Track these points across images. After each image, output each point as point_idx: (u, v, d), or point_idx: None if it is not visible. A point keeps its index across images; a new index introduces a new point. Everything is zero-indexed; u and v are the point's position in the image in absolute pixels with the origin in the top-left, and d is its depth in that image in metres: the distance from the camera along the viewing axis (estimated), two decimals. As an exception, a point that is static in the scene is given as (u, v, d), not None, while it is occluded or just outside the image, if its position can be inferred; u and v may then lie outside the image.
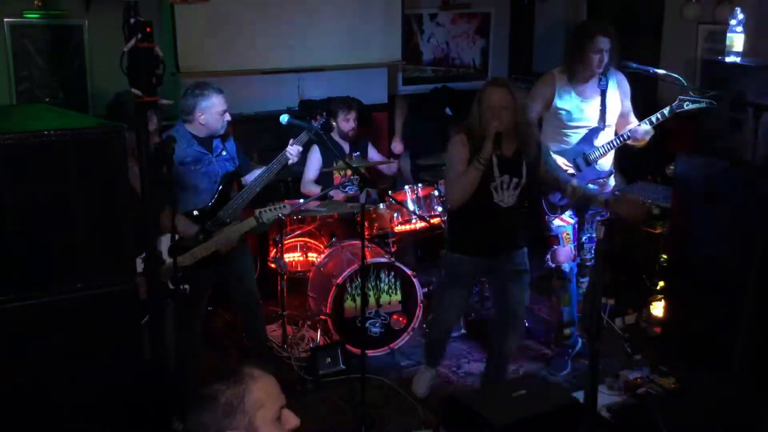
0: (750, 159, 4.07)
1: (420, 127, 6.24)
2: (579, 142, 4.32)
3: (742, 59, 4.36)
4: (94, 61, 5.30)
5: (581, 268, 4.46)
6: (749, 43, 4.48)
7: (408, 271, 4.70)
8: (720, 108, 4.16)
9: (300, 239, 5.12)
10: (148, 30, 2.47)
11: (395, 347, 4.73)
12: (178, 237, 3.24)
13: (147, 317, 2.84)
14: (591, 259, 4.40)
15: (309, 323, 4.93)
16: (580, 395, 3.31)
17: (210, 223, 3.93)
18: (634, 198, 4.31)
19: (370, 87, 6.37)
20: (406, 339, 4.76)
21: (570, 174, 4.14)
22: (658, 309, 4.88)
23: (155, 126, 2.97)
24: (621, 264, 5.10)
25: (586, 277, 4.49)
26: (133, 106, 2.57)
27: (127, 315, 2.72)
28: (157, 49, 2.53)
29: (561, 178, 3.87)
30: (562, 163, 4.15)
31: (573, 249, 4.35)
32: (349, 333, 4.60)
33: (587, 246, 4.43)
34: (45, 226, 2.53)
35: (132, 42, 2.46)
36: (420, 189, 5.04)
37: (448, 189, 3.86)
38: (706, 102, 4.11)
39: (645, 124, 4.21)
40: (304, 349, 4.69)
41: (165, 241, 3.37)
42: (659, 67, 4.60)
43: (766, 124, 4.03)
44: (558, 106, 4.30)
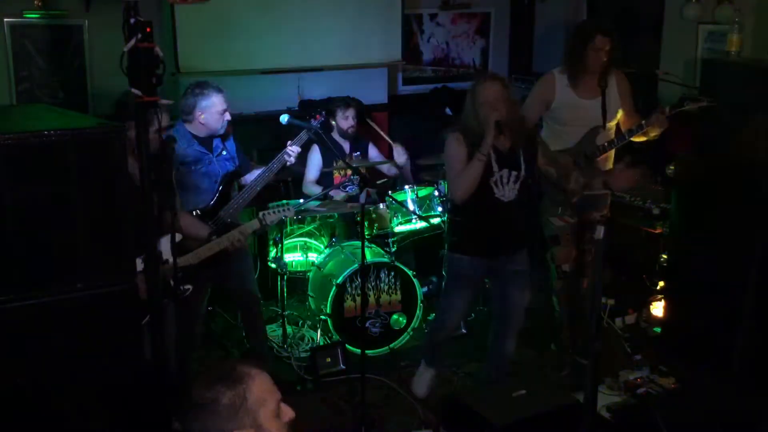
0: (750, 159, 4.07)
1: (420, 127, 6.23)
2: (579, 142, 4.32)
3: (741, 59, 4.37)
4: (94, 61, 5.29)
5: (581, 268, 4.45)
6: (749, 43, 4.49)
7: (408, 271, 4.70)
8: (720, 108, 4.16)
9: (300, 239, 5.13)
10: (148, 30, 2.47)
11: (395, 347, 4.73)
12: (182, 237, 3.23)
13: (147, 317, 2.83)
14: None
15: (309, 323, 4.94)
16: (580, 395, 3.31)
17: (211, 223, 3.93)
18: (631, 171, 4.14)
19: (370, 87, 6.36)
20: (406, 339, 4.76)
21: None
22: (658, 309, 4.88)
23: (166, 124, 2.98)
24: (621, 264, 5.10)
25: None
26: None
27: (127, 315, 2.72)
28: (157, 49, 2.52)
29: (561, 161, 3.86)
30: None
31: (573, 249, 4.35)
32: (349, 333, 4.60)
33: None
34: (45, 226, 2.53)
35: (132, 42, 2.46)
36: (420, 189, 5.03)
37: (451, 187, 3.86)
38: (707, 101, 4.11)
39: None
40: (304, 349, 4.70)
41: (165, 242, 3.36)
42: (659, 67, 4.60)
43: (765, 123, 4.04)
44: (558, 106, 4.30)
